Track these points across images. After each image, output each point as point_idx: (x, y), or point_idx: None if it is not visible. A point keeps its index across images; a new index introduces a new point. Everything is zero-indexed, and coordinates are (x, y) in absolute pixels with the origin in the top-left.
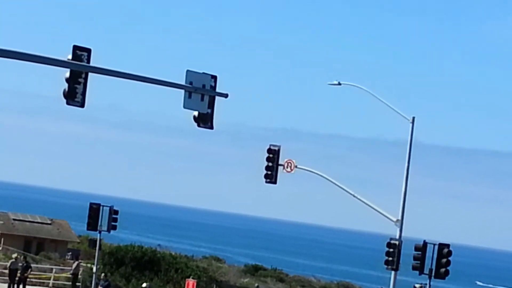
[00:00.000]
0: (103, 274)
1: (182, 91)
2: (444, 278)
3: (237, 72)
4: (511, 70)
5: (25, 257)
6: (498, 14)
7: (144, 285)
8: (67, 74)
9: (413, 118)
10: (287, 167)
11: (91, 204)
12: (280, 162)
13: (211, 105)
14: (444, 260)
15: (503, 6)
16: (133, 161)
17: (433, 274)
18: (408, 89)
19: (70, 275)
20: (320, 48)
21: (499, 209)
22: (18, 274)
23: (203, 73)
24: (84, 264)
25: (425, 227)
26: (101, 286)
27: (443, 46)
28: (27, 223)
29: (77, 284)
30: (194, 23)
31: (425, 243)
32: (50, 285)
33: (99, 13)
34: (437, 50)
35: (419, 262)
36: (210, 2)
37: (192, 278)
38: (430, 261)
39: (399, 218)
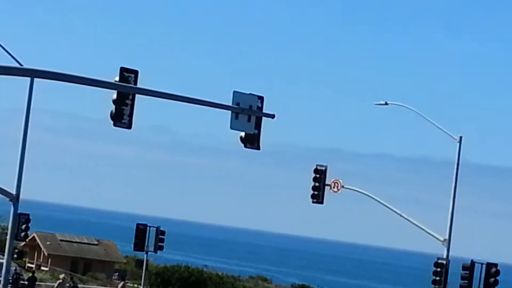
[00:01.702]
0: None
1: (229, 112)
2: None
3: (282, 92)
4: None
5: (71, 278)
6: None
7: None
8: (114, 96)
9: (461, 137)
10: (334, 187)
11: (137, 224)
12: (327, 182)
13: (258, 125)
14: (492, 279)
15: None
16: (179, 182)
17: None
18: (456, 108)
19: None
20: (366, 68)
21: None
22: None
23: (250, 94)
24: (131, 285)
25: (473, 246)
26: None
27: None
28: (74, 244)
29: None
30: (240, 44)
31: (472, 263)
32: None
33: (146, 34)
34: (485, 67)
35: (466, 281)
36: (255, 23)
37: None
38: (478, 281)
39: (447, 237)
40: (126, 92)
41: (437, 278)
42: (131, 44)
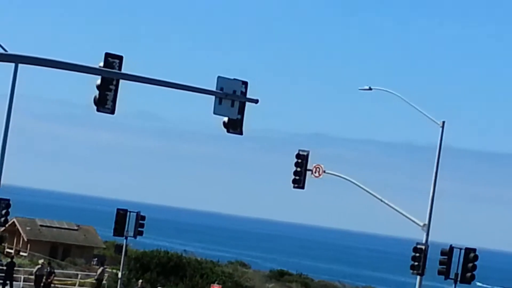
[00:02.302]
0: (140, 281)
1: (213, 97)
2: (469, 283)
3: (267, 78)
4: None
5: (49, 263)
6: None
7: None
8: (98, 81)
9: (443, 122)
10: (315, 172)
11: (118, 210)
12: (308, 167)
13: (241, 111)
14: (471, 264)
15: None
16: (161, 167)
17: (459, 279)
18: (439, 93)
19: (95, 281)
20: (351, 54)
21: None
22: (44, 280)
23: (234, 79)
24: (110, 270)
25: (452, 231)
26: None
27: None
28: (54, 229)
29: None
30: (225, 29)
31: (451, 248)
32: None
33: (131, 20)
34: (468, 55)
35: (445, 267)
36: (240, 9)
37: (218, 283)
38: (456, 266)
39: (426, 222)
40: (110, 78)
41: (416, 263)
42: (117, 30)
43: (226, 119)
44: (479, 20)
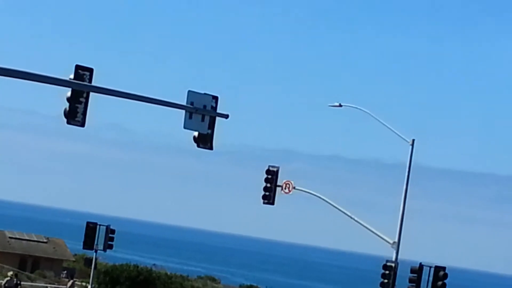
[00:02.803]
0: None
1: (183, 111)
2: None
3: (237, 93)
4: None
5: (16, 275)
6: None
7: None
8: (69, 94)
9: (413, 140)
10: (285, 188)
11: (87, 223)
12: (278, 183)
13: (212, 125)
14: (440, 283)
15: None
16: (131, 180)
17: None
18: (409, 112)
19: None
20: (321, 71)
21: (498, 232)
22: None
23: (205, 93)
24: (79, 283)
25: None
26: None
27: (445, 67)
28: (23, 241)
29: None
30: (196, 43)
31: (421, 266)
32: None
33: (102, 34)
34: (441, 71)
35: (414, 284)
36: (212, 23)
37: None
38: (426, 284)
39: (396, 240)
40: (80, 90)
41: (385, 280)
42: (87, 42)
43: (196, 133)
44: (449, 37)
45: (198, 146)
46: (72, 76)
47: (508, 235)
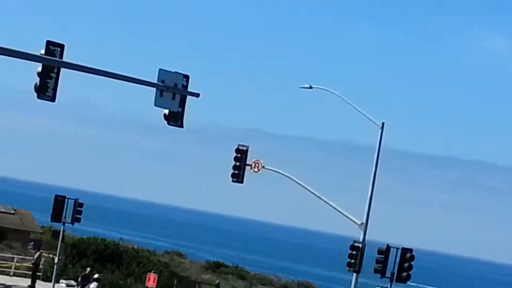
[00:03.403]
0: (88, 269)
1: (154, 89)
2: (405, 282)
3: (209, 72)
4: (472, 82)
5: None
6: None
7: (95, 276)
8: (39, 69)
9: (383, 123)
10: (254, 167)
11: (56, 196)
12: (248, 162)
13: (182, 104)
14: (407, 264)
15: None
16: (101, 156)
17: (394, 278)
18: (379, 95)
19: (31, 265)
20: (293, 52)
21: (464, 216)
22: None
23: (176, 72)
24: (46, 255)
25: (390, 232)
26: (81, 278)
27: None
28: None
29: (38, 274)
30: (169, 22)
31: (388, 247)
32: (11, 274)
33: (76, 10)
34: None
35: (381, 265)
36: (183, 3)
37: (154, 272)
38: (392, 265)
39: (364, 221)
40: (51, 66)
41: (352, 261)
42: (60, 18)
43: (167, 111)
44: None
45: (168, 123)
46: (43, 52)
47: (472, 219)
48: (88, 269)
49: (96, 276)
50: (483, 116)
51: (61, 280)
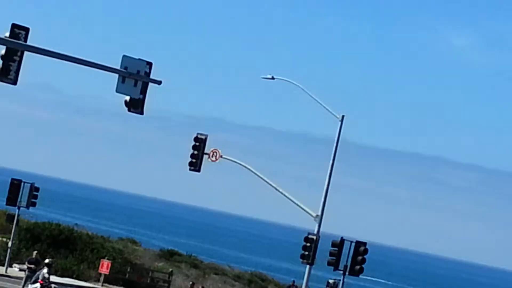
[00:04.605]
0: (35, 252)
1: (116, 75)
2: (358, 275)
3: (170, 59)
4: (441, 75)
5: None
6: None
7: (46, 260)
8: (3, 51)
9: (343, 116)
10: (212, 156)
11: (12, 179)
12: (206, 151)
13: (144, 91)
14: (360, 257)
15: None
16: (60, 141)
17: (347, 270)
18: (340, 88)
19: None
20: (255, 41)
21: (421, 212)
22: None
23: (139, 59)
24: (0, 239)
25: (344, 225)
26: (28, 262)
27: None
28: None
29: None
30: (133, 8)
31: (342, 240)
32: None
33: None
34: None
35: (334, 258)
36: None
37: (108, 259)
38: (346, 258)
39: (319, 213)
40: (15, 49)
41: (306, 252)
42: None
43: (128, 98)
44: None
45: (129, 110)
46: (7, 34)
47: (429, 215)
48: (35, 252)
49: (47, 261)
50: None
51: (14, 264)
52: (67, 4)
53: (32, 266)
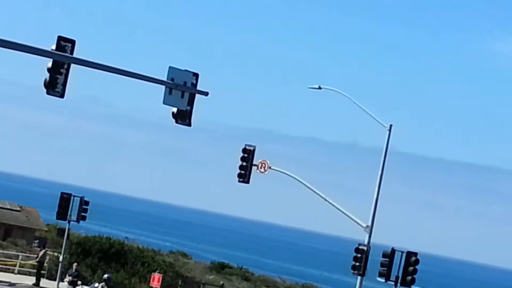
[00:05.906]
0: (75, 264)
1: (163, 87)
2: (410, 286)
3: (218, 71)
4: (493, 87)
5: None
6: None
7: (105, 276)
8: (50, 64)
9: (391, 125)
10: (260, 168)
11: (62, 193)
12: (254, 162)
13: (191, 102)
14: (411, 268)
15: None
16: (109, 154)
17: (399, 281)
18: (389, 97)
19: (36, 263)
20: (303, 52)
21: (471, 221)
22: None
23: (185, 70)
24: (51, 253)
25: (395, 235)
26: (69, 275)
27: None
28: None
29: (42, 272)
30: (178, 22)
31: (393, 250)
32: (16, 271)
33: (88, 6)
34: (421, 59)
35: (386, 269)
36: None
37: (158, 272)
38: (397, 269)
39: (369, 224)
40: (61, 61)
41: (357, 263)
42: (72, 14)
43: (175, 109)
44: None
45: (176, 122)
46: (53, 47)
47: (479, 224)
48: (75, 265)
49: (105, 276)
50: (497, 121)
51: (65, 279)
52: (113, 16)
53: (75, 279)
